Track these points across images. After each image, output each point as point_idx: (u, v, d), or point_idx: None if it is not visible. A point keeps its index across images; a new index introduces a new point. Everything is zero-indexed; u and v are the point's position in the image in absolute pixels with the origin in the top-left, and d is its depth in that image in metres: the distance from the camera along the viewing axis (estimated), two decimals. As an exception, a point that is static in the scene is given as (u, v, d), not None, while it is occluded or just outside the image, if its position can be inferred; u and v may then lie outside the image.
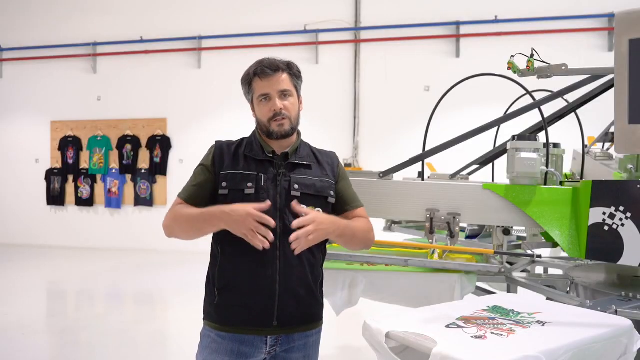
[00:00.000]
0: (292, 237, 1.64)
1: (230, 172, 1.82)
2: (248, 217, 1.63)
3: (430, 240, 2.61)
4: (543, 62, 2.81)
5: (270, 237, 1.64)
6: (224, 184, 1.80)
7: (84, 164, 10.03)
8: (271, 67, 1.83)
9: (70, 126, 10.09)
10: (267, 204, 1.68)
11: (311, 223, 1.66)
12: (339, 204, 1.91)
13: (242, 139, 1.93)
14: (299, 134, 1.93)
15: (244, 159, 1.84)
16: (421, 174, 2.84)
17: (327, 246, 2.83)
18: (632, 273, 2.55)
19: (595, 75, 2.82)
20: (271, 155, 1.85)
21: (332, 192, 1.89)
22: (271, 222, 1.65)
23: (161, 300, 6.42)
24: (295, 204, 1.71)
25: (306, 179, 1.84)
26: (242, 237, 1.65)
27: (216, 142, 1.92)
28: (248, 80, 1.86)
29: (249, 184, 1.79)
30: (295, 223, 1.65)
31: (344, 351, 4.44)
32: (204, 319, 1.87)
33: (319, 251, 1.90)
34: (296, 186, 1.81)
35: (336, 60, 8.96)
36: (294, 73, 1.88)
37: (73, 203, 10.07)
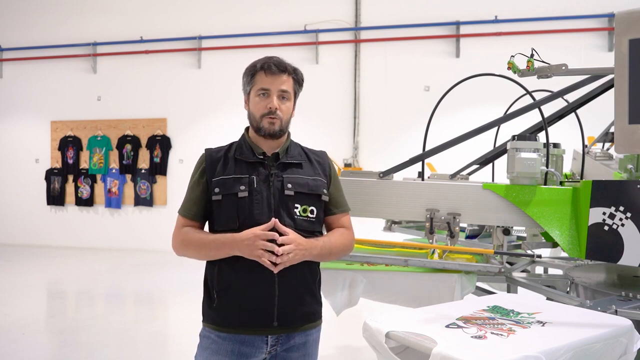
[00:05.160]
0: (278, 251, 1.69)
1: (221, 177, 1.82)
2: (256, 239, 1.68)
3: (430, 240, 2.61)
4: (543, 62, 2.81)
5: (276, 250, 1.68)
6: (216, 190, 1.81)
7: (84, 164, 10.03)
8: (278, 66, 1.84)
9: (70, 126, 10.09)
10: (273, 221, 1.72)
11: (292, 243, 1.72)
12: (327, 206, 1.92)
13: (232, 143, 1.93)
14: (288, 134, 1.94)
15: (235, 163, 1.85)
16: (421, 174, 2.84)
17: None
18: (632, 273, 2.55)
19: (595, 75, 2.82)
20: (262, 157, 1.85)
21: (325, 190, 1.89)
22: (277, 237, 1.70)
23: (161, 300, 6.42)
24: (277, 223, 1.73)
25: (299, 178, 1.85)
26: (256, 259, 1.70)
27: (205, 150, 1.92)
28: (252, 72, 1.86)
29: (242, 187, 1.79)
30: (279, 240, 1.70)
31: (344, 351, 4.44)
32: (203, 320, 1.87)
33: None
34: (289, 185, 1.82)
35: (336, 60, 8.96)
36: (298, 79, 1.89)
37: (73, 203, 10.07)
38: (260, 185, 1.80)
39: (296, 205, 1.81)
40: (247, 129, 1.95)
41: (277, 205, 1.79)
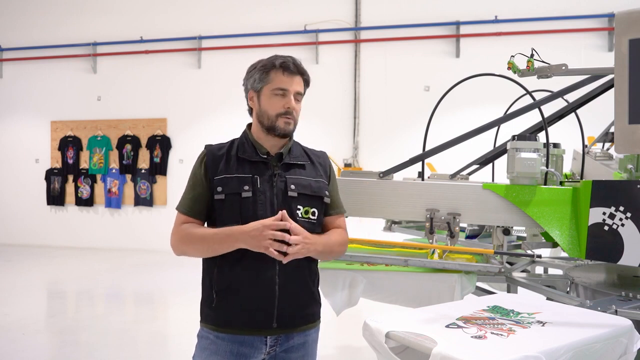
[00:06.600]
0: (290, 240, 1.66)
1: (224, 176, 1.79)
2: (264, 229, 1.65)
3: (430, 240, 2.61)
4: (543, 62, 2.81)
5: (288, 239, 1.66)
6: (219, 189, 1.78)
7: (84, 164, 10.03)
8: (297, 67, 1.82)
9: (70, 126, 10.09)
10: (281, 213, 1.70)
11: (300, 235, 1.70)
12: (325, 207, 1.91)
13: (233, 141, 1.90)
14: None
15: (237, 161, 1.82)
16: (421, 174, 2.84)
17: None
18: (632, 273, 2.55)
19: (595, 75, 2.82)
20: (265, 156, 1.83)
21: (327, 193, 1.88)
22: (287, 225, 1.67)
23: (161, 300, 6.42)
24: (284, 215, 1.71)
25: (302, 179, 1.83)
26: (263, 251, 1.67)
27: (206, 146, 1.89)
28: (267, 69, 1.82)
29: (246, 187, 1.77)
30: (293, 234, 1.68)
31: (343, 351, 4.44)
32: (201, 321, 1.86)
33: None
34: (292, 186, 1.80)
35: (336, 60, 8.96)
36: (307, 81, 1.88)
37: (73, 203, 10.07)
38: (264, 185, 1.79)
39: (299, 206, 1.80)
40: (249, 126, 1.92)
41: (280, 206, 1.77)
